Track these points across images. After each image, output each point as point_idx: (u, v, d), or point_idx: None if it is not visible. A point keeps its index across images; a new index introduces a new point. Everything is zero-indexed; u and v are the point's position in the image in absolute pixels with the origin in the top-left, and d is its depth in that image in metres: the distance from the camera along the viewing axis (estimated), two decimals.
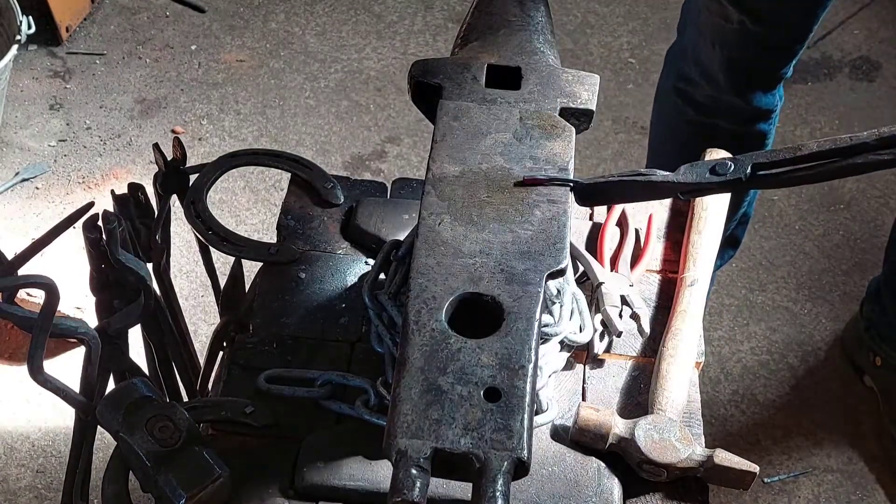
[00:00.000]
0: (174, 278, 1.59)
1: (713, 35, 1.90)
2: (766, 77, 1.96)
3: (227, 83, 3.01)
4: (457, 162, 1.13)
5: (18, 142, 2.81)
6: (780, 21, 1.85)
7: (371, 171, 2.80)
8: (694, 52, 1.96)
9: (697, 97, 1.99)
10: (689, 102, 2.01)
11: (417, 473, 0.89)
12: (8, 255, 1.27)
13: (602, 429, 1.16)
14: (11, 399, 2.25)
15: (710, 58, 1.92)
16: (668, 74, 2.08)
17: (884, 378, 2.32)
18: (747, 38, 1.86)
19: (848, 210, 2.79)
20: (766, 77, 1.96)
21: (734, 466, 1.14)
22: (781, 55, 1.92)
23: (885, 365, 2.30)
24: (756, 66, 1.93)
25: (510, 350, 0.96)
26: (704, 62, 1.94)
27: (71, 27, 3.09)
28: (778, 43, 1.89)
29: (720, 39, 1.89)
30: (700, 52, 1.94)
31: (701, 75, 1.96)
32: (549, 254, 1.05)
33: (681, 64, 2.01)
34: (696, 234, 1.40)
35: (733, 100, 1.95)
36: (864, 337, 2.35)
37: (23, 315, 1.14)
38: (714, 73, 1.94)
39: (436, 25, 3.24)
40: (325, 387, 1.21)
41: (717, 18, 1.87)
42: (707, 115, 1.98)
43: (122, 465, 1.12)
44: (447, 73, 1.21)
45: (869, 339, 2.33)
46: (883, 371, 2.31)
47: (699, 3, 1.92)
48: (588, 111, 1.20)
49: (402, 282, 1.24)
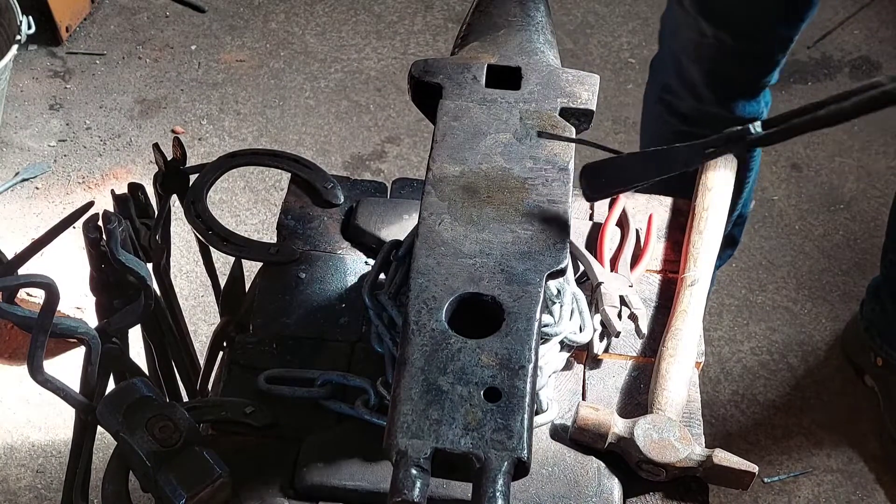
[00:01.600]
0: (174, 278, 1.59)
1: (692, 49, 1.89)
2: (749, 87, 1.94)
3: (227, 83, 3.01)
4: (457, 162, 1.13)
5: (18, 142, 2.81)
6: (757, 35, 1.84)
7: (371, 171, 2.80)
8: (675, 65, 1.96)
9: (682, 108, 1.98)
10: (674, 113, 2.01)
11: (417, 473, 0.89)
12: (8, 255, 1.27)
13: (601, 428, 1.16)
14: (11, 399, 2.25)
15: (691, 71, 1.92)
16: (653, 85, 2.08)
17: (885, 378, 2.32)
18: (725, 52, 1.85)
19: (848, 210, 2.79)
20: (749, 87, 1.94)
21: (733, 466, 1.14)
22: (761, 66, 1.90)
23: (886, 365, 2.30)
24: (736, 77, 1.91)
25: (510, 350, 0.96)
26: (686, 75, 1.94)
27: (71, 27, 3.09)
28: (757, 54, 1.87)
29: (698, 54, 1.89)
30: (681, 64, 1.94)
31: (683, 87, 1.96)
32: (549, 254, 1.05)
33: (664, 75, 2.01)
34: (697, 234, 1.40)
35: (717, 111, 1.94)
36: (864, 337, 2.35)
37: (23, 315, 1.14)
38: (696, 86, 1.93)
39: (436, 25, 3.24)
40: (325, 387, 1.21)
41: (693, 34, 1.86)
42: (692, 125, 1.96)
43: (122, 465, 1.12)
44: (447, 73, 1.21)
45: (869, 339, 2.33)
46: (884, 371, 2.31)
47: (677, 17, 1.91)
48: (588, 111, 1.20)
49: (402, 282, 1.24)
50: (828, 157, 2.92)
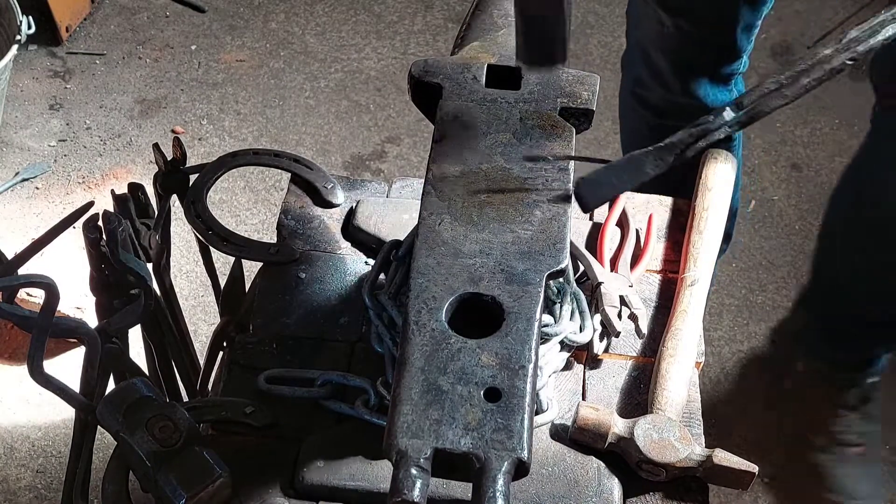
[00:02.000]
0: (174, 278, 1.59)
1: (654, 40, 1.89)
2: (716, 75, 1.91)
3: (227, 83, 3.01)
4: (457, 162, 1.13)
5: (18, 142, 2.81)
6: (714, 21, 1.81)
7: (371, 171, 2.80)
8: (643, 56, 1.95)
9: (652, 100, 1.98)
10: (647, 106, 2.00)
11: (417, 473, 0.89)
12: (8, 255, 1.27)
13: (601, 428, 1.16)
14: (11, 399, 2.25)
15: (658, 60, 1.91)
16: (626, 80, 2.07)
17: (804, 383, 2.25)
18: (686, 40, 1.84)
19: None
20: (716, 75, 1.91)
21: (733, 466, 1.14)
22: (725, 53, 1.87)
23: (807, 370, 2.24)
24: (701, 65, 1.89)
25: (510, 350, 0.96)
26: (653, 65, 1.93)
27: (71, 27, 3.09)
28: (719, 41, 1.85)
29: (660, 44, 1.88)
30: (648, 55, 1.93)
31: (652, 78, 1.95)
32: (549, 254, 1.05)
33: (634, 69, 2.00)
34: (697, 234, 1.40)
35: (686, 101, 1.92)
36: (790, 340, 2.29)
37: (23, 315, 1.14)
38: (663, 74, 1.92)
39: (436, 25, 3.24)
40: (325, 387, 1.21)
41: (654, 24, 1.86)
42: (664, 117, 1.95)
43: (122, 465, 1.12)
44: (447, 73, 1.21)
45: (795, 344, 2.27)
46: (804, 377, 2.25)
47: (638, 9, 1.91)
48: (588, 111, 1.20)
49: (402, 282, 1.24)
50: (828, 157, 2.92)
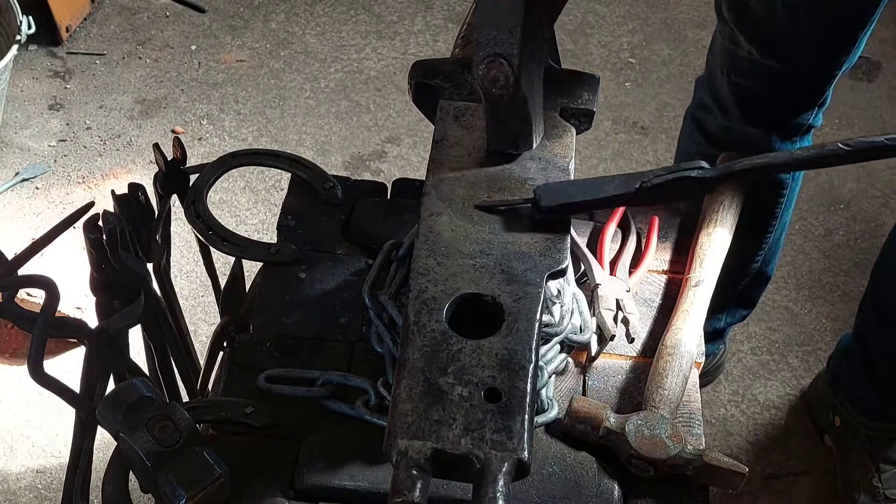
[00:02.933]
0: (174, 278, 1.59)
1: (724, 61, 1.75)
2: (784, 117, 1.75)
3: (227, 83, 3.01)
4: (457, 162, 1.13)
5: (18, 142, 2.81)
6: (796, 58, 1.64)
7: (371, 171, 2.80)
8: (710, 78, 1.83)
9: (709, 127, 1.86)
10: (702, 132, 1.89)
11: (418, 474, 0.89)
12: (8, 255, 1.27)
13: (594, 421, 1.16)
14: (11, 399, 2.25)
15: (721, 84, 1.78)
16: (692, 102, 1.95)
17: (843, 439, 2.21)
18: (757, 70, 1.69)
19: (848, 210, 2.79)
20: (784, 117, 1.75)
21: (723, 466, 1.14)
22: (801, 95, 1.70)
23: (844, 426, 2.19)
24: (770, 100, 1.73)
25: (510, 351, 0.96)
26: (717, 88, 1.80)
27: (71, 27, 3.09)
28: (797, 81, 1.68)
29: (730, 66, 1.74)
30: (714, 78, 1.81)
31: (714, 102, 1.82)
32: (550, 254, 1.05)
33: (700, 92, 1.89)
34: (706, 235, 1.40)
35: (748, 129, 1.76)
36: (826, 393, 2.24)
37: (23, 315, 1.14)
38: (725, 101, 1.78)
39: (436, 25, 3.24)
40: (325, 387, 1.21)
41: (727, 43, 1.72)
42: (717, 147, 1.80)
43: (122, 465, 1.12)
44: (447, 74, 1.21)
45: (832, 396, 2.21)
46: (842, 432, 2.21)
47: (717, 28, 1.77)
48: (588, 111, 1.20)
49: (402, 282, 1.24)
50: None
